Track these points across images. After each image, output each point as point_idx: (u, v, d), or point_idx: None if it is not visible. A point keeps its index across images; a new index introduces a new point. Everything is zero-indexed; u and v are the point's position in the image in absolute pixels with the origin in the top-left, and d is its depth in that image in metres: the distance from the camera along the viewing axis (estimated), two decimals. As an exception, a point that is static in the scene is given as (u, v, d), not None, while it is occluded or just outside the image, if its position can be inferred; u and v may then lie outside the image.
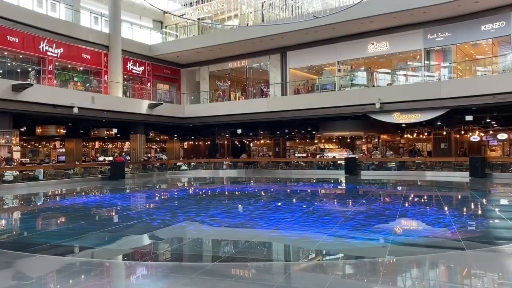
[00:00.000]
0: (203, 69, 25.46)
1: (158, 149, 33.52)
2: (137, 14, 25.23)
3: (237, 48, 22.44)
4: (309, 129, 26.84)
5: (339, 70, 21.27)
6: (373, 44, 20.03)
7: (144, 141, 22.81)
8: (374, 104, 18.40)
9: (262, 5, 22.79)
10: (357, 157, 20.81)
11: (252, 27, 20.55)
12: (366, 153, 23.11)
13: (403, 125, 21.26)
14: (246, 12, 22.59)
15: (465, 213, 8.71)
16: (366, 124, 22.05)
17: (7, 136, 16.77)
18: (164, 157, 28.52)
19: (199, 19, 24.68)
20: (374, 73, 21.02)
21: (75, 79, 20.60)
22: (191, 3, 24.14)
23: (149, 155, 28.68)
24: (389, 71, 20.58)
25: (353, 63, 21.78)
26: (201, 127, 26.20)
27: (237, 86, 25.30)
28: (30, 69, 18.76)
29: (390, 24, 18.82)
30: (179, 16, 22.52)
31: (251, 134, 29.38)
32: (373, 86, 20.38)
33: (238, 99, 24.40)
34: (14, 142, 17.71)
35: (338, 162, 21.25)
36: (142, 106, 21.36)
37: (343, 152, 22.74)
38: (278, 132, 27.83)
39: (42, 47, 18.76)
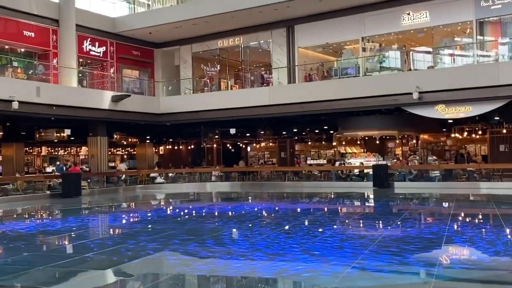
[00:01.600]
0: (184, 49, 25.54)
1: (126, 156, 33.61)
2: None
3: (229, 21, 22.51)
4: (325, 127, 26.94)
5: (364, 49, 21.35)
6: (408, 14, 20.11)
7: (106, 146, 22.88)
8: (410, 93, 18.47)
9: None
10: (389, 165, 20.86)
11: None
12: (400, 158, 23.15)
13: (450, 121, 21.32)
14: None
15: (533, 237, 8.71)
16: (400, 121, 22.09)
17: None
18: (127, 165, 28.54)
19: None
20: (411, 52, 21.11)
21: (15, 64, 20.60)
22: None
23: (114, 164, 28.76)
24: (431, 50, 20.70)
25: (382, 40, 21.85)
26: (182, 127, 26.27)
27: (230, 71, 25.42)
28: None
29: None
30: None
31: (248, 135, 29.46)
32: (409, 70, 20.47)
33: (231, 88, 24.50)
34: None
35: (364, 171, 21.29)
36: (103, 99, 21.43)
37: (371, 157, 22.78)
38: (284, 132, 27.95)
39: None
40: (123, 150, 33.36)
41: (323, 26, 21.82)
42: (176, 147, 32.26)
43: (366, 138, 24.47)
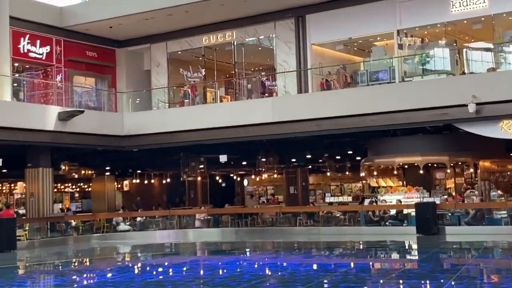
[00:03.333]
0: (157, 48, 25.57)
1: (77, 194, 33.35)
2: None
3: (218, 10, 22.53)
4: (350, 152, 26.77)
5: (400, 47, 21.35)
6: (459, -1, 20.20)
7: (51, 181, 22.69)
8: (465, 106, 18.36)
9: None
10: (437, 203, 20.66)
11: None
12: (453, 194, 22.97)
13: (520, 142, 21.17)
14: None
15: None
16: (452, 143, 21.96)
17: None
18: (79, 207, 28.29)
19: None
20: (464, 50, 21.07)
21: None
22: None
23: (61, 206, 28.53)
24: (491, 46, 20.64)
25: (425, 34, 21.84)
26: (154, 153, 26.14)
27: (219, 77, 25.33)
28: None
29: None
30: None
31: (245, 163, 29.27)
32: (463, 73, 20.41)
33: (221, 100, 24.42)
34: None
35: (404, 211, 21.09)
36: (47, 118, 21.29)
37: (412, 193, 22.60)
38: (293, 160, 27.82)
39: None
40: (74, 187, 33.09)
41: (344, 16, 21.81)
42: (146, 182, 32.04)
43: (406, 166, 24.29)
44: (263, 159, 27.19)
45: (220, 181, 32.23)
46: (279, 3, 22.01)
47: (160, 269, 14.69)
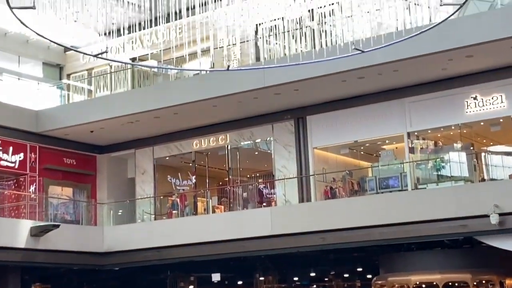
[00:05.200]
0: (143, 154, 25.76)
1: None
2: (13, 51, 25.86)
3: (210, 112, 22.75)
4: (360, 269, 26.18)
5: (412, 150, 21.35)
6: (475, 99, 20.29)
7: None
8: (487, 216, 18.06)
9: (256, 31, 23.44)
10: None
11: (238, 72, 20.91)
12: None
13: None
14: (227, 43, 23.18)
15: None
16: (473, 258, 21.39)
17: None
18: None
19: (133, 59, 25.24)
20: (483, 154, 21.06)
21: None
22: (118, 31, 24.93)
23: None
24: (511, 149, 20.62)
25: (438, 136, 21.92)
26: (138, 272, 25.72)
27: (211, 185, 25.40)
28: None
29: (507, 59, 19.19)
30: (94, 56, 22.93)
31: (240, 283, 28.62)
32: (482, 180, 20.32)
33: (213, 211, 24.33)
34: None
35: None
36: (18, 233, 21.16)
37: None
38: (295, 278, 27.39)
39: None
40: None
41: (348, 117, 21.98)
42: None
43: (423, 286, 23.70)
44: (262, 278, 26.58)
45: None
46: (277, 103, 22.17)
47: None
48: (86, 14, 16.11)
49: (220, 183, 25.72)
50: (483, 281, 22.91)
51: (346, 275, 27.91)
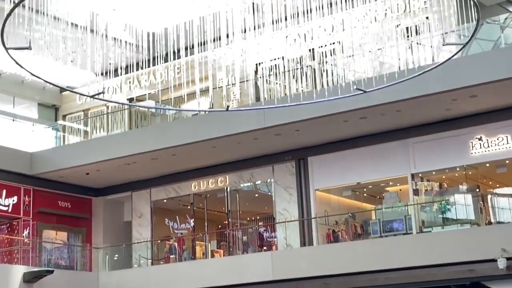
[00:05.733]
0: (139, 196, 25.64)
1: None
2: (8, 92, 25.91)
3: (209, 153, 22.68)
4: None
5: (416, 192, 21.22)
6: (480, 139, 20.22)
7: None
8: (494, 261, 17.91)
9: (256, 70, 23.40)
10: None
11: (237, 112, 20.90)
12: None
13: None
14: (226, 83, 23.22)
15: None
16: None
17: None
18: None
19: (130, 100, 25.20)
20: (489, 196, 20.89)
21: None
22: (115, 71, 24.96)
23: None
24: (518, 192, 20.59)
25: (443, 178, 21.79)
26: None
27: (210, 228, 25.21)
28: None
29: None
30: (91, 97, 22.88)
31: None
32: (489, 223, 20.15)
33: (212, 255, 24.13)
34: None
35: None
36: (11, 279, 21.04)
37: None
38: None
39: None
40: None
41: (351, 158, 21.86)
42: None
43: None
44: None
45: None
46: (278, 144, 22.09)
47: None
48: (83, 55, 16.15)
49: (219, 226, 25.53)
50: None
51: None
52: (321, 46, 22.59)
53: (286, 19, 17.07)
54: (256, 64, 23.73)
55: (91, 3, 16.73)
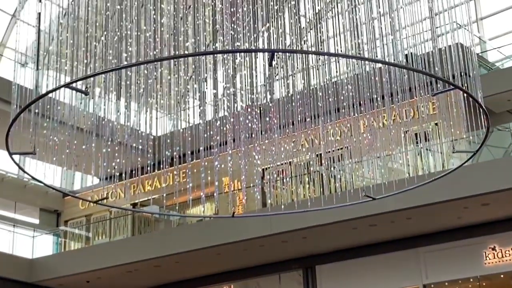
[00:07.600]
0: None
1: None
2: (10, 197, 26.09)
3: (213, 261, 22.71)
4: None
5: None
6: (493, 249, 20.12)
7: None
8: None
9: (262, 175, 23.52)
10: None
11: (243, 218, 20.90)
12: None
13: None
14: (232, 188, 23.34)
15: None
16: None
17: None
18: None
19: (134, 205, 25.31)
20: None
21: None
22: (120, 175, 25.15)
23: None
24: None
25: (457, 290, 21.48)
26: None
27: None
28: None
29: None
30: (94, 202, 22.96)
31: None
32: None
33: None
34: None
35: None
36: None
37: None
38: None
39: None
40: None
41: (360, 267, 21.77)
42: None
43: None
44: None
45: None
46: (285, 252, 22.11)
47: None
48: (87, 159, 16.24)
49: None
50: None
51: None
52: (329, 151, 22.81)
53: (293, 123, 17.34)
54: (263, 169, 23.90)
55: (98, 109, 17.00)
